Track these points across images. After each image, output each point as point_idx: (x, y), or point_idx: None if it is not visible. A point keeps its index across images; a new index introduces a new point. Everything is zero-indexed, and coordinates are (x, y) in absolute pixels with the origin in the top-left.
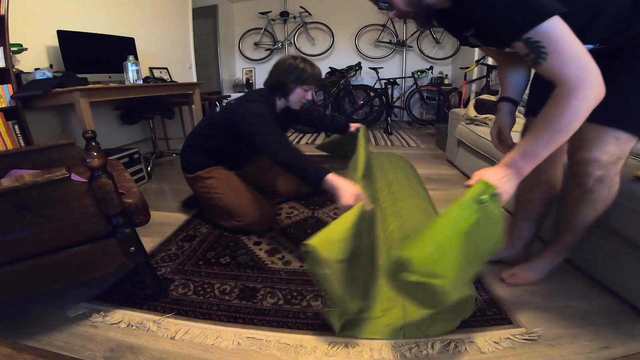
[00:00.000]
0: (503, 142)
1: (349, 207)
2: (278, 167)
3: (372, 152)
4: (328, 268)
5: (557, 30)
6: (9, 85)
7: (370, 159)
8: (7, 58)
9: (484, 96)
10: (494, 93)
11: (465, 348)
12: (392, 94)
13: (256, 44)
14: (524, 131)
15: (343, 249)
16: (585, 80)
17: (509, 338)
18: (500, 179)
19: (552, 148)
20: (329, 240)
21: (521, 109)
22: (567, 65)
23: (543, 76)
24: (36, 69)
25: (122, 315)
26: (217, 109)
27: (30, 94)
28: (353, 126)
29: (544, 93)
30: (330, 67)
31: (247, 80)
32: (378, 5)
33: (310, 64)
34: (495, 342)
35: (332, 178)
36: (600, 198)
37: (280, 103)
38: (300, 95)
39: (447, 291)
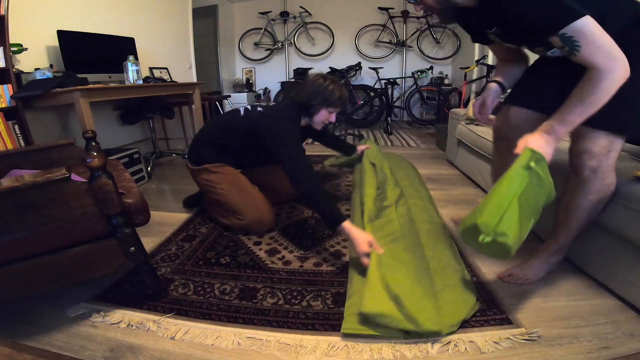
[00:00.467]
0: (483, 113)
1: (364, 254)
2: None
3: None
4: (389, 316)
5: (587, 27)
6: (9, 85)
7: (385, 180)
8: (7, 58)
9: None
10: None
11: (465, 348)
12: (392, 94)
13: (256, 44)
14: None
15: (389, 295)
16: (612, 67)
17: (509, 338)
18: (543, 144)
19: (584, 117)
20: (379, 298)
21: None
22: (597, 55)
23: (578, 63)
24: (36, 69)
25: (122, 315)
26: (242, 110)
27: (30, 94)
28: (360, 149)
29: (531, 87)
30: (330, 67)
31: (247, 80)
32: None
33: (339, 87)
34: (495, 342)
35: (348, 226)
36: (594, 189)
37: (303, 121)
38: (324, 117)
39: (511, 245)
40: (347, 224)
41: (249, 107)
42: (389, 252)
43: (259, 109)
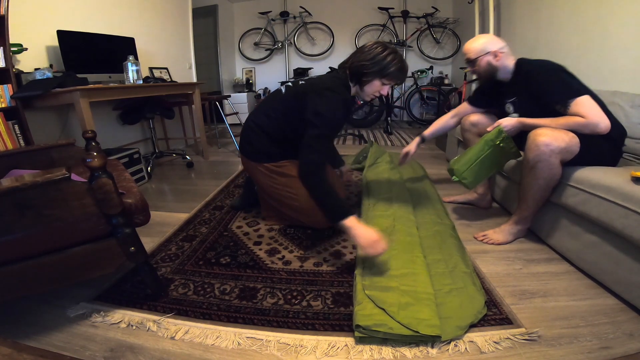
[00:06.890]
0: (406, 161)
1: (370, 252)
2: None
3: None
4: (384, 324)
5: (584, 101)
6: (9, 85)
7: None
8: (7, 58)
9: None
10: None
11: (466, 348)
12: (392, 93)
13: (256, 44)
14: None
15: (380, 310)
16: (596, 122)
17: (509, 338)
18: (512, 121)
19: (545, 126)
20: (370, 313)
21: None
22: (587, 113)
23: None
24: (36, 69)
25: (122, 315)
26: (283, 89)
27: (30, 94)
28: (343, 169)
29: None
30: (330, 67)
31: (247, 80)
32: (468, 65)
33: (400, 59)
34: (495, 342)
35: (351, 223)
36: (542, 174)
37: (353, 89)
38: (376, 88)
39: (469, 184)
40: (351, 221)
41: (289, 83)
42: (377, 273)
43: (301, 82)
